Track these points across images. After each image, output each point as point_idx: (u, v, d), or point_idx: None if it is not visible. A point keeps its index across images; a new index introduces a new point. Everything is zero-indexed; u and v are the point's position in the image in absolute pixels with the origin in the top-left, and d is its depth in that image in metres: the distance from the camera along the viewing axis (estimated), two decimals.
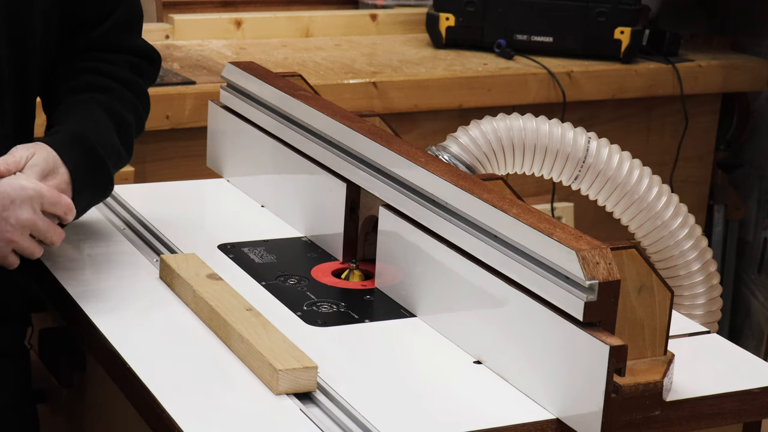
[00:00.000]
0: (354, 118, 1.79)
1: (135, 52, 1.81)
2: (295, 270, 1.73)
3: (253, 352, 1.44)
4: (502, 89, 2.96)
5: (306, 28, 3.24)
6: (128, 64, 1.79)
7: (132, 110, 1.76)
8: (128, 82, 1.77)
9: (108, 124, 1.69)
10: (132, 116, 1.76)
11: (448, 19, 3.15)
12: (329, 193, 1.79)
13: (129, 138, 1.75)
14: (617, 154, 1.77)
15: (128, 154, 1.74)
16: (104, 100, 1.72)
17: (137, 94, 1.78)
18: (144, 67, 1.82)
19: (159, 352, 1.50)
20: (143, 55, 1.82)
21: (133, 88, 1.78)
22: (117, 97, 1.74)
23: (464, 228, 1.51)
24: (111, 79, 1.75)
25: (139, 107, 1.78)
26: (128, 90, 1.76)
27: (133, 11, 1.82)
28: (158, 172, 2.62)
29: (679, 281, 1.78)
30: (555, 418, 1.38)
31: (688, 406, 1.42)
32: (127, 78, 1.77)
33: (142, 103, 1.80)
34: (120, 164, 1.72)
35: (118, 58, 1.78)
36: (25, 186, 1.51)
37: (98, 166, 1.65)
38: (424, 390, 1.43)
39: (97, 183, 1.66)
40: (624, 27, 3.11)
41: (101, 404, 1.68)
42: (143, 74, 1.82)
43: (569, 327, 1.35)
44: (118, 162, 1.71)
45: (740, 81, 3.32)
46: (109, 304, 1.60)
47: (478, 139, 1.77)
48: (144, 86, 1.81)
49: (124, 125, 1.73)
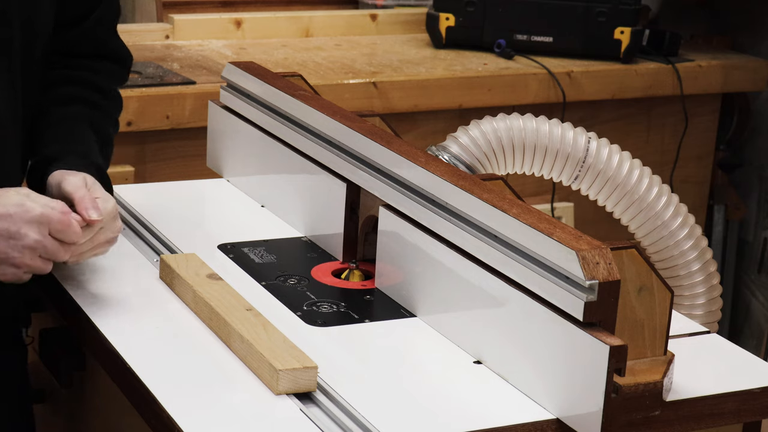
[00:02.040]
0: (354, 118, 1.79)
1: (111, 55, 1.82)
2: (295, 270, 1.73)
3: (253, 352, 1.44)
4: (502, 89, 2.96)
5: (306, 28, 3.24)
6: (106, 72, 1.81)
7: (112, 123, 1.80)
8: (107, 91, 1.80)
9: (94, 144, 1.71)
10: (112, 129, 1.80)
11: (448, 19, 3.15)
12: (329, 193, 1.79)
13: (110, 152, 1.79)
14: (617, 154, 1.77)
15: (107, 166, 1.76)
16: (89, 116, 1.74)
17: (116, 104, 1.82)
18: (117, 73, 1.84)
19: (159, 352, 1.50)
20: (119, 58, 1.84)
21: (114, 98, 1.82)
22: (100, 111, 1.76)
23: (464, 228, 1.51)
24: (93, 90, 1.77)
25: (116, 119, 1.82)
26: (108, 100, 1.79)
27: (112, 9, 1.83)
28: (158, 172, 2.62)
29: (679, 281, 1.78)
30: (555, 418, 1.38)
31: (688, 406, 1.42)
32: (105, 87, 1.79)
33: (118, 111, 1.84)
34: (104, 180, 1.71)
35: (98, 66, 1.80)
36: (31, 209, 1.49)
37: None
38: (424, 390, 1.43)
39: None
40: (624, 27, 3.11)
41: (101, 404, 1.68)
42: (118, 80, 1.85)
43: (569, 327, 1.35)
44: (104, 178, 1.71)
45: (740, 81, 3.32)
46: (109, 304, 1.60)
47: (478, 139, 1.77)
48: (118, 92, 1.84)
49: (107, 140, 1.76)
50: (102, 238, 1.57)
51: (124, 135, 2.55)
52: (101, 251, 1.59)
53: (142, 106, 2.56)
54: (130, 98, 2.53)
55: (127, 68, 1.87)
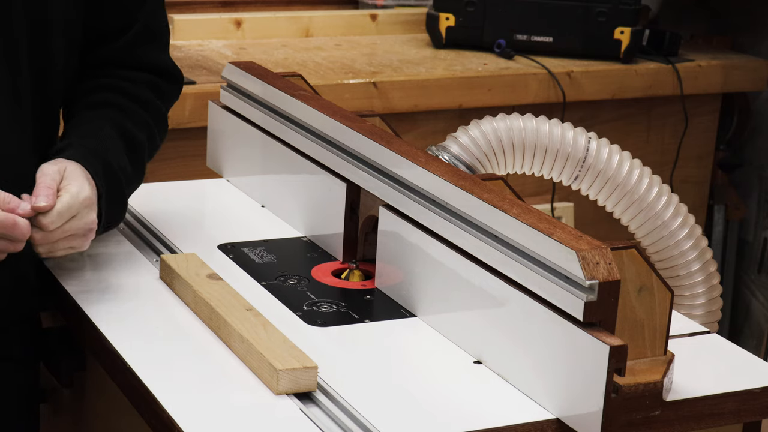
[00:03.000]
0: (354, 118, 1.79)
1: (155, 70, 1.79)
2: (295, 270, 1.73)
3: (253, 352, 1.44)
4: (502, 89, 2.96)
5: (306, 28, 3.24)
6: (147, 83, 1.77)
7: (144, 129, 1.74)
8: (144, 101, 1.76)
9: (117, 143, 1.68)
10: (144, 135, 1.74)
11: (448, 19, 3.15)
12: (329, 193, 1.79)
13: (140, 157, 1.73)
14: (617, 154, 1.77)
15: (138, 173, 1.73)
16: (115, 117, 1.70)
17: (152, 114, 1.77)
18: (162, 87, 1.80)
19: (159, 352, 1.50)
20: (163, 72, 1.80)
21: (149, 108, 1.76)
22: (130, 116, 1.72)
23: (464, 228, 1.51)
24: (127, 98, 1.74)
25: (152, 127, 1.76)
26: (143, 109, 1.75)
27: (155, 24, 1.79)
28: (158, 172, 2.62)
29: (679, 281, 1.78)
30: (555, 418, 1.38)
31: (688, 406, 1.42)
32: (143, 97, 1.76)
33: (158, 124, 1.78)
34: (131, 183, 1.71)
35: (137, 76, 1.77)
36: None
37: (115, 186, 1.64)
38: (424, 390, 1.43)
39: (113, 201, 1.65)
40: (624, 27, 3.11)
41: (101, 404, 1.68)
42: (162, 94, 1.80)
43: (569, 327, 1.35)
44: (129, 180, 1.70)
45: (740, 81, 3.31)
46: (109, 304, 1.60)
47: (478, 139, 1.77)
48: (161, 107, 1.80)
49: (134, 144, 1.72)
50: (74, 227, 1.54)
51: None
52: (78, 244, 1.56)
53: None
54: None
55: (176, 85, 1.83)
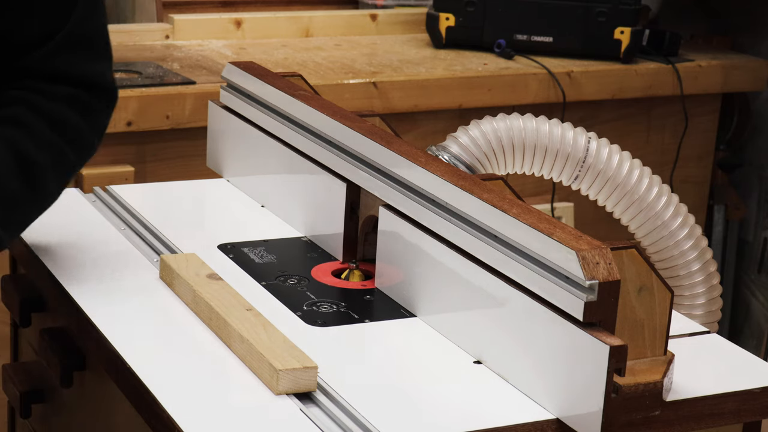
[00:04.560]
0: (354, 118, 1.79)
1: (79, 82, 1.61)
2: (295, 270, 1.73)
3: (253, 352, 1.44)
4: (502, 89, 2.96)
5: (306, 28, 3.24)
6: (65, 98, 1.60)
7: (46, 149, 1.57)
8: (55, 119, 1.58)
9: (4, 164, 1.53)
10: (46, 156, 1.57)
11: (448, 19, 3.15)
12: (329, 193, 1.79)
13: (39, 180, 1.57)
14: (617, 154, 1.77)
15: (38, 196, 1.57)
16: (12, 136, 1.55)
17: (64, 132, 1.59)
18: (86, 101, 1.62)
19: (159, 352, 1.50)
20: (91, 85, 1.62)
21: (61, 126, 1.59)
22: (31, 134, 1.56)
23: (464, 228, 1.51)
24: (35, 114, 1.57)
25: (60, 146, 1.59)
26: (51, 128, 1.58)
27: (85, 32, 1.61)
28: (158, 172, 2.62)
29: (679, 281, 1.78)
30: (555, 418, 1.38)
31: (688, 406, 1.42)
32: (56, 114, 1.59)
33: (72, 142, 1.60)
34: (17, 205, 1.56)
35: (55, 90, 1.59)
36: None
37: None
38: (424, 390, 1.43)
39: None
40: (624, 27, 3.11)
41: (101, 404, 1.68)
42: (85, 109, 1.62)
43: (569, 327, 1.35)
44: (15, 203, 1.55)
45: (740, 81, 3.32)
46: (109, 304, 1.60)
47: (478, 139, 1.77)
48: (80, 124, 1.61)
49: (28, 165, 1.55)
50: None
51: (124, 135, 2.55)
52: None
53: (142, 106, 2.56)
54: (130, 98, 2.53)
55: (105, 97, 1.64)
